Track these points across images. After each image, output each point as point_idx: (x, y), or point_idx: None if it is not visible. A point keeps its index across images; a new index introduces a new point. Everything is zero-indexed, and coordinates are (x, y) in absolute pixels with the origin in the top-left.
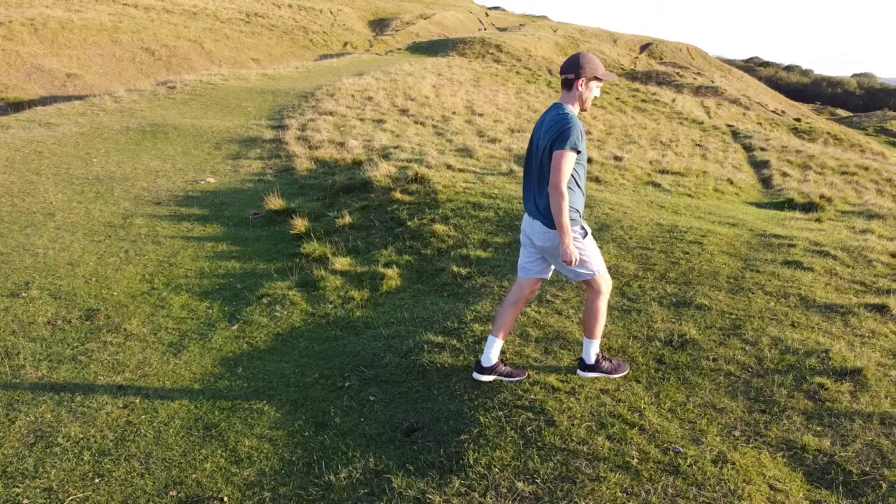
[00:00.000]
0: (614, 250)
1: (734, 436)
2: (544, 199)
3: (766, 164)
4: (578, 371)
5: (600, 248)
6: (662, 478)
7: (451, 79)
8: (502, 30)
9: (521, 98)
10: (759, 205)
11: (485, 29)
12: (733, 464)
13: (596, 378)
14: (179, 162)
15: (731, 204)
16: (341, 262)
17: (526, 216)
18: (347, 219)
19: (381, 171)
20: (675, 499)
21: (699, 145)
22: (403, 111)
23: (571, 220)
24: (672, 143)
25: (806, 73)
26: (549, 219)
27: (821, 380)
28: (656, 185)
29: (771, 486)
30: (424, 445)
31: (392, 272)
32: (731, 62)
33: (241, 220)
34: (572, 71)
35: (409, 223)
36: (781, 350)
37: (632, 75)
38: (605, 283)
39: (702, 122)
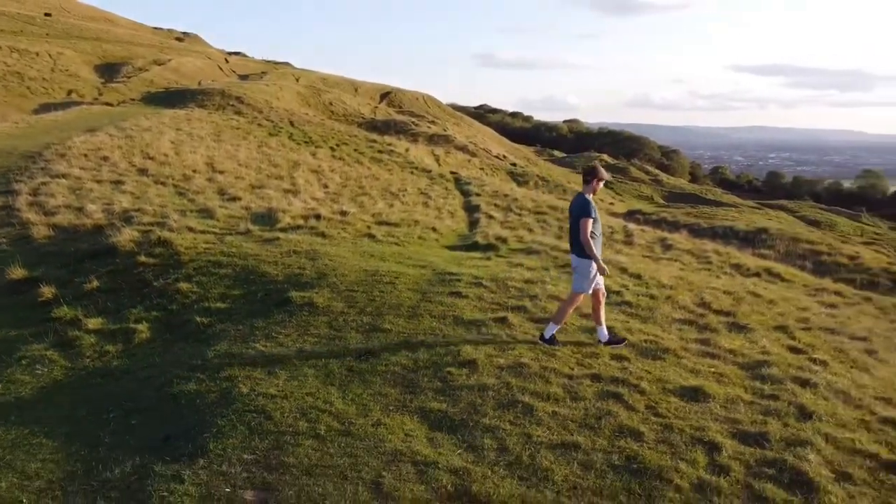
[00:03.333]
0: (329, 294)
1: (389, 409)
2: (576, 245)
3: (477, 208)
4: (541, 340)
5: (317, 293)
6: (339, 438)
7: (192, 134)
8: (244, 77)
9: (263, 152)
10: (452, 247)
11: (211, 82)
12: (385, 425)
13: (310, 385)
14: None
15: (430, 249)
16: (94, 322)
17: (571, 254)
18: (95, 283)
19: (125, 237)
20: (347, 448)
21: (424, 193)
22: (142, 171)
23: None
24: (401, 192)
25: (527, 119)
26: (577, 254)
27: (450, 369)
28: (372, 237)
29: (406, 434)
30: (177, 445)
31: (143, 327)
32: (463, 109)
33: None
34: (591, 175)
35: (155, 283)
36: (431, 353)
37: (372, 124)
38: (581, 300)
39: (430, 171)
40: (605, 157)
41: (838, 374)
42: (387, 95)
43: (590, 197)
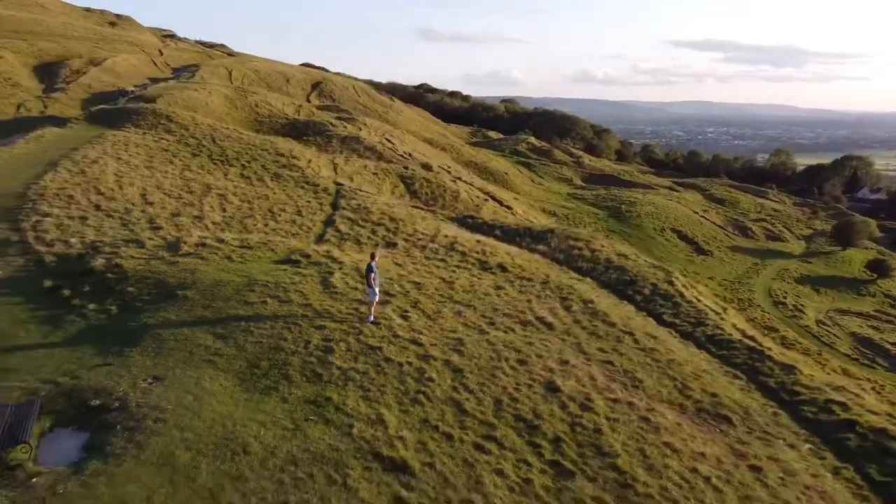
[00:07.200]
0: (195, 292)
1: (205, 333)
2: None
3: (333, 222)
4: (369, 323)
5: (190, 291)
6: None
7: (129, 162)
8: (177, 72)
9: (185, 178)
10: (277, 262)
11: (146, 84)
12: (196, 337)
13: (185, 326)
14: None
15: (261, 265)
16: (92, 307)
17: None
18: (87, 288)
19: (99, 263)
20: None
21: (299, 212)
22: (97, 206)
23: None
24: (280, 212)
25: (466, 98)
26: (369, 286)
27: (231, 319)
28: (230, 259)
29: (202, 342)
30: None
31: (114, 308)
32: (403, 89)
33: None
34: (372, 256)
35: (116, 288)
36: (229, 314)
37: (293, 126)
38: (375, 306)
39: (318, 185)
40: (532, 139)
41: (407, 320)
42: (318, 85)
43: (373, 264)
